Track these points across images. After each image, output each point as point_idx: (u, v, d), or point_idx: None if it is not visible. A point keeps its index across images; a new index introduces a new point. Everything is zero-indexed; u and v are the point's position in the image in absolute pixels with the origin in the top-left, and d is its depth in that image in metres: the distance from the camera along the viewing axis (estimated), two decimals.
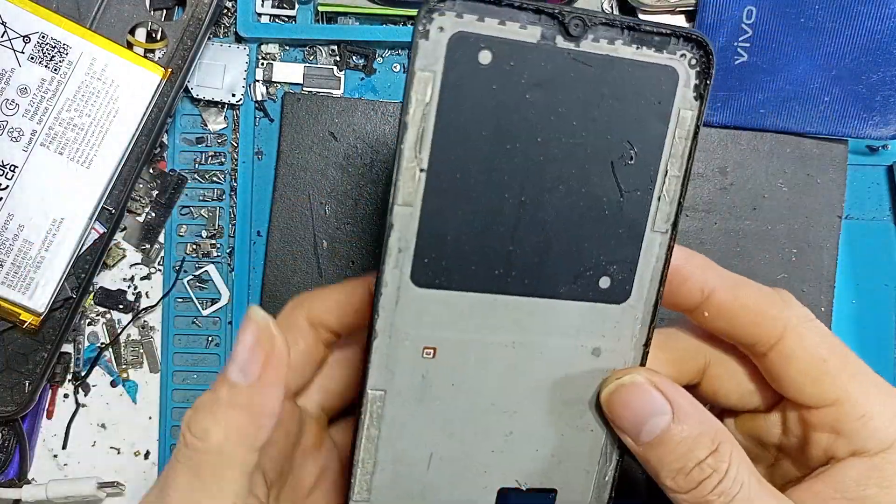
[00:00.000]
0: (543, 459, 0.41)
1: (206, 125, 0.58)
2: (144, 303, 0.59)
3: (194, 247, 0.58)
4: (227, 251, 0.58)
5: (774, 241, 0.57)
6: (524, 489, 0.41)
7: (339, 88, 0.58)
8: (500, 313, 0.38)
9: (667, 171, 0.37)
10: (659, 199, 0.38)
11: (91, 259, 0.54)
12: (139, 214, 0.58)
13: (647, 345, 0.39)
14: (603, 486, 0.41)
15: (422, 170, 0.35)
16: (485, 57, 0.35)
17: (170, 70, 0.53)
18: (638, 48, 0.36)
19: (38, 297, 0.52)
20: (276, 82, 0.58)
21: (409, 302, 0.37)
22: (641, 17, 0.56)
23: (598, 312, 0.39)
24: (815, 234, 0.57)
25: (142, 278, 0.59)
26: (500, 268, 0.37)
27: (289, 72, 0.58)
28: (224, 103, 0.58)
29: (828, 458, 0.36)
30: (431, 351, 0.38)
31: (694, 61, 0.37)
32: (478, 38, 0.34)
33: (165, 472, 0.36)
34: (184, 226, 0.58)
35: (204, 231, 0.58)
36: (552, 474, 0.41)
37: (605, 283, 0.38)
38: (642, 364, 0.39)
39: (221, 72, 0.57)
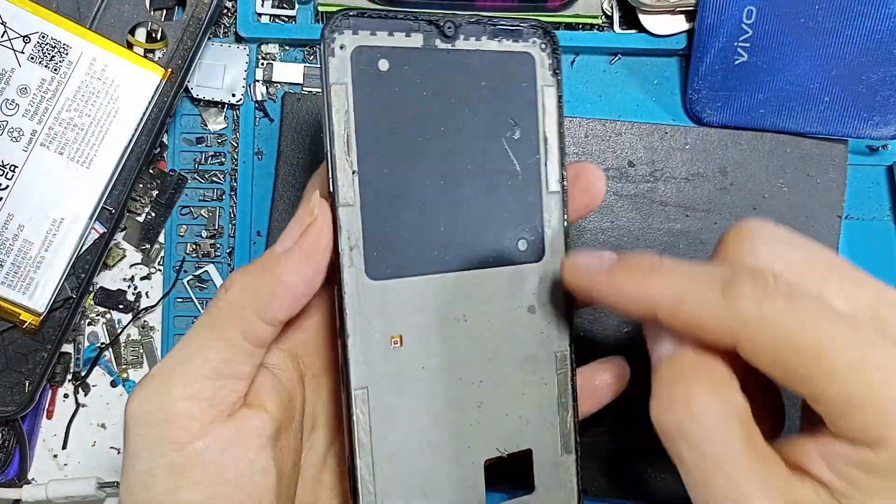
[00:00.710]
0: (514, 422, 0.44)
1: (206, 125, 0.58)
2: (144, 303, 0.59)
3: (194, 247, 0.58)
4: (227, 251, 0.58)
5: None
6: (505, 456, 0.43)
7: None
8: (448, 290, 0.42)
9: (546, 138, 0.44)
10: (546, 163, 0.44)
11: (91, 259, 0.54)
12: (139, 214, 0.58)
13: (570, 299, 0.44)
14: (567, 434, 0.45)
15: (353, 171, 0.40)
16: (383, 64, 0.41)
17: (170, 70, 0.53)
18: (500, 41, 0.43)
19: (38, 297, 0.52)
20: (276, 82, 0.58)
21: (370, 296, 0.40)
22: (642, 17, 0.56)
23: (524, 273, 0.44)
24: (815, 234, 0.57)
25: (142, 278, 0.59)
26: (437, 248, 0.42)
27: (289, 72, 0.58)
28: (224, 103, 0.58)
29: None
30: (398, 339, 0.41)
31: (544, 45, 0.44)
32: (374, 50, 0.40)
33: None
34: (184, 226, 0.58)
35: (204, 231, 0.58)
36: (525, 435, 0.44)
37: (522, 245, 0.43)
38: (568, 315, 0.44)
39: (221, 72, 0.57)
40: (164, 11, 0.56)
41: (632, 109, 0.59)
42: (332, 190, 0.39)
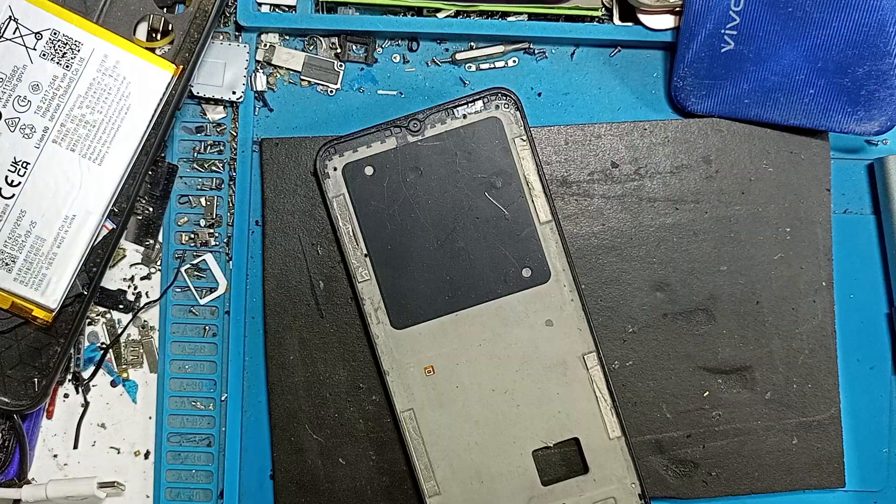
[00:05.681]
0: (554, 417, 0.53)
1: (205, 114, 0.58)
2: (144, 303, 0.59)
3: (192, 236, 0.58)
4: (225, 240, 0.58)
5: (767, 222, 0.57)
6: (552, 446, 0.53)
7: (337, 83, 0.59)
8: (464, 324, 0.53)
9: (528, 181, 0.53)
10: (533, 201, 0.53)
11: (102, 254, 0.53)
12: (138, 213, 0.58)
13: (584, 307, 0.53)
14: (613, 420, 0.53)
15: (364, 255, 0.53)
16: (368, 170, 0.53)
17: (181, 67, 0.53)
18: (465, 116, 0.53)
19: (50, 293, 0.52)
20: (274, 65, 0.59)
21: (399, 342, 0.53)
22: (641, 16, 0.57)
23: (535, 295, 0.53)
24: (806, 209, 0.57)
25: (142, 278, 0.59)
26: (448, 293, 0.53)
27: (289, 57, 0.59)
28: (224, 101, 0.58)
29: None
30: (431, 369, 0.53)
31: (507, 106, 0.53)
32: (359, 162, 0.53)
33: None
34: (183, 217, 0.58)
35: (202, 220, 0.58)
36: (568, 427, 0.53)
37: (527, 273, 0.53)
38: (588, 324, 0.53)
39: (222, 70, 0.57)
40: (170, 7, 0.56)
41: (615, 107, 0.60)
42: (350, 272, 0.53)
